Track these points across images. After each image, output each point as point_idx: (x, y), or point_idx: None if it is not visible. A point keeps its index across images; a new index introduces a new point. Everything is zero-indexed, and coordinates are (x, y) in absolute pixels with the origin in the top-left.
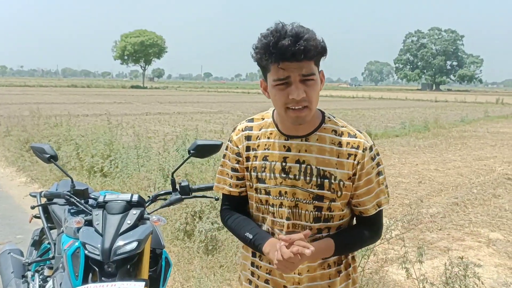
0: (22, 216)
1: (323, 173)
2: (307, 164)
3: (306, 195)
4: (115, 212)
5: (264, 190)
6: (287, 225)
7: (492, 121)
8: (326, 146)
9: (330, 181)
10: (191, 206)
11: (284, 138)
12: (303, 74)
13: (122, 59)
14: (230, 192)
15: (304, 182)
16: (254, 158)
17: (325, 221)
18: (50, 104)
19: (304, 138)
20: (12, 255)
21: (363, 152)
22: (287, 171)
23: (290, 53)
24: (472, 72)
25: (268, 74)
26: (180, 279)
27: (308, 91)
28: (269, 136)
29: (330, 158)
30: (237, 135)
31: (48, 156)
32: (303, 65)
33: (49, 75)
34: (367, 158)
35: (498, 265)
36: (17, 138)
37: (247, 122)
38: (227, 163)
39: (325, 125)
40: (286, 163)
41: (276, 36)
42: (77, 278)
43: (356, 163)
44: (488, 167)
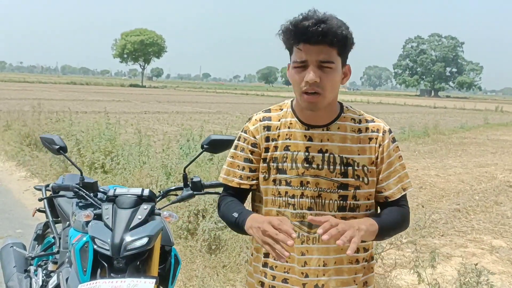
0: (22, 210)
1: (346, 161)
2: (330, 153)
3: (330, 184)
4: (125, 207)
5: (284, 181)
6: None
7: (492, 128)
8: (348, 134)
9: (353, 168)
10: (194, 204)
11: (305, 128)
12: (321, 60)
13: (122, 57)
14: (240, 184)
15: (328, 171)
16: (274, 149)
17: (351, 210)
18: (49, 100)
19: (325, 128)
20: (14, 249)
21: (383, 134)
22: (310, 160)
23: (309, 33)
24: (471, 79)
25: (291, 56)
26: (183, 278)
27: (323, 77)
28: (289, 126)
29: (352, 146)
30: (254, 125)
31: (58, 147)
32: (321, 49)
33: (48, 72)
34: (387, 141)
35: (502, 272)
36: (17, 133)
37: (264, 112)
38: (239, 155)
39: (344, 114)
40: (309, 152)
41: (301, 17)
42: (85, 273)
43: (377, 146)
44: (490, 174)
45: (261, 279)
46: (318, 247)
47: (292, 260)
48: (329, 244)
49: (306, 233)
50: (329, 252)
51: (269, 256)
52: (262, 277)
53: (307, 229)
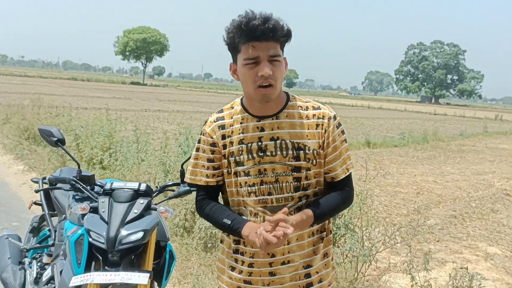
0: (18, 203)
1: (298, 146)
2: (281, 140)
3: (285, 168)
4: (121, 201)
5: (243, 172)
6: (270, 200)
7: (491, 136)
8: (296, 121)
9: (304, 152)
10: (191, 202)
11: (256, 120)
12: (270, 54)
13: (124, 55)
14: (208, 182)
15: (281, 156)
16: (230, 145)
17: (304, 189)
18: (49, 96)
19: (274, 117)
20: (10, 241)
21: (328, 121)
22: (264, 149)
23: (260, 31)
24: (472, 87)
25: (239, 55)
26: (178, 275)
27: (274, 70)
28: (242, 121)
29: (301, 131)
30: (209, 127)
31: (56, 139)
32: (270, 45)
33: (49, 67)
34: (332, 127)
35: (496, 279)
36: (16, 126)
37: (217, 113)
38: (201, 155)
39: (291, 103)
40: (261, 142)
41: (247, 17)
42: (80, 265)
43: (323, 132)
44: (487, 182)
45: (232, 263)
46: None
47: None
48: None
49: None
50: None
51: (240, 242)
52: (233, 262)
53: (269, 213)
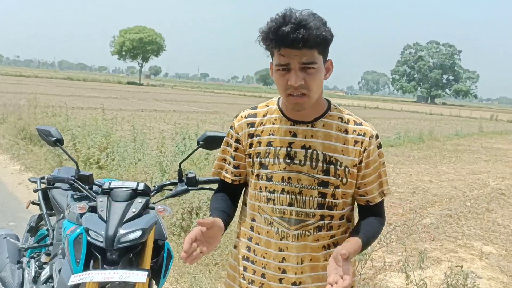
0: (15, 203)
1: (329, 159)
2: (313, 150)
3: (311, 180)
4: (120, 200)
5: (265, 176)
6: (290, 212)
7: (486, 136)
8: (332, 132)
9: (336, 167)
10: (188, 202)
11: (290, 124)
12: (303, 62)
13: (120, 54)
14: (225, 178)
15: (310, 167)
16: (257, 144)
17: (329, 208)
18: (45, 95)
19: (310, 124)
20: (8, 240)
21: (369, 139)
22: (292, 156)
23: (290, 40)
24: (467, 87)
25: (273, 58)
26: (175, 275)
27: (308, 79)
28: (274, 122)
29: (336, 144)
30: (238, 122)
31: (54, 139)
32: (303, 53)
33: (45, 67)
34: (374, 146)
35: (491, 278)
36: (12, 126)
37: (250, 109)
38: (227, 150)
39: (331, 112)
40: (291, 148)
41: (280, 22)
42: (78, 264)
43: (362, 151)
44: (482, 181)
45: (243, 272)
46: (297, 244)
47: (269, 256)
48: (307, 242)
49: (286, 229)
50: (306, 249)
51: (250, 250)
52: (243, 271)
53: (286, 225)
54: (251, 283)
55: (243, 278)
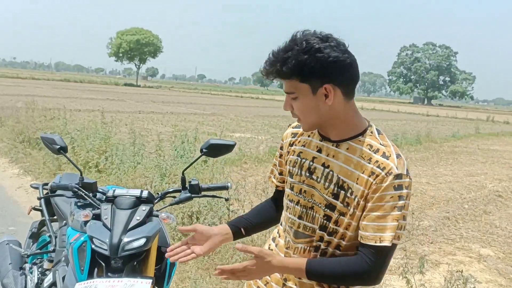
0: (14, 208)
1: (342, 184)
2: (330, 170)
3: (321, 199)
4: (124, 207)
5: (290, 185)
6: (298, 224)
7: (483, 138)
8: (354, 158)
9: (345, 194)
10: (188, 206)
11: (319, 139)
12: (285, 91)
13: (117, 56)
14: (273, 182)
15: (323, 186)
16: (292, 153)
17: (329, 234)
18: (42, 97)
19: (335, 144)
20: (10, 246)
21: (385, 175)
22: (312, 171)
23: (267, 75)
24: (464, 88)
25: None
26: (176, 279)
27: (295, 105)
28: (310, 134)
29: (353, 171)
30: (286, 131)
31: (58, 147)
32: (286, 83)
33: (42, 68)
34: (387, 184)
35: (489, 281)
36: (11, 129)
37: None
38: (276, 156)
39: (362, 137)
40: (313, 163)
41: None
42: (83, 272)
43: (374, 183)
44: (479, 183)
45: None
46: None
47: None
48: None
49: (292, 241)
50: None
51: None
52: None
53: (292, 237)
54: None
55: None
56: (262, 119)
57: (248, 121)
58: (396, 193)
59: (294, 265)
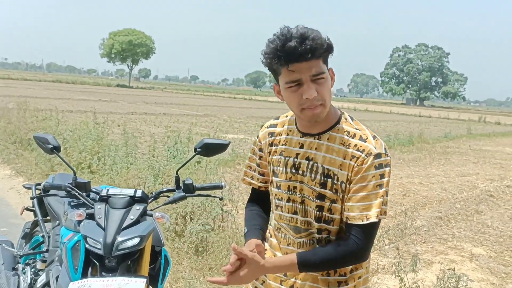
0: (6, 209)
1: (327, 172)
2: (314, 162)
3: (310, 192)
4: (118, 207)
5: (276, 184)
6: (295, 220)
7: (475, 138)
8: (335, 146)
9: (333, 181)
10: (182, 207)
11: (300, 135)
12: (313, 74)
13: (109, 57)
14: (251, 184)
15: (310, 179)
16: (274, 153)
17: (326, 222)
18: (34, 98)
19: (317, 137)
20: (3, 247)
21: (365, 156)
22: (297, 166)
23: (298, 53)
24: (456, 89)
25: (280, 77)
26: (169, 279)
27: (320, 89)
28: (289, 132)
29: (336, 158)
30: (262, 132)
31: (51, 146)
32: (312, 64)
33: (33, 69)
34: (368, 164)
35: (481, 280)
36: (2, 130)
37: (273, 120)
38: (251, 157)
39: (339, 125)
40: (297, 159)
41: (283, 39)
42: (77, 271)
43: (355, 165)
44: (471, 183)
45: None
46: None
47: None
48: None
49: (292, 236)
50: None
51: None
52: None
53: (292, 233)
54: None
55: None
56: (255, 120)
57: (241, 122)
58: (377, 172)
59: (285, 263)
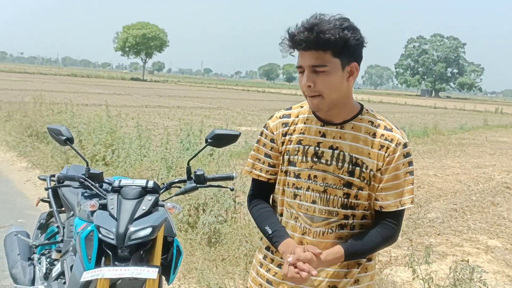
0: (22, 200)
1: (355, 161)
2: (340, 151)
3: (336, 180)
4: (130, 197)
5: (293, 173)
6: (313, 209)
7: (491, 130)
8: (361, 135)
9: (361, 169)
10: (195, 198)
11: (320, 124)
12: (313, 64)
13: (123, 50)
14: (259, 176)
15: (336, 167)
16: (288, 142)
17: (351, 208)
18: (49, 92)
19: (339, 126)
20: (19, 237)
21: (395, 146)
22: (320, 155)
23: (297, 41)
24: (472, 80)
25: None
26: (182, 270)
27: (318, 81)
28: (306, 121)
29: (363, 147)
30: (273, 122)
31: (65, 138)
32: (315, 55)
33: (49, 63)
34: (399, 153)
35: (497, 272)
36: (19, 123)
37: (285, 110)
38: (260, 149)
39: (361, 116)
40: (319, 148)
41: (299, 26)
42: (90, 261)
43: (386, 155)
44: (487, 175)
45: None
46: (316, 240)
47: None
48: (328, 239)
49: (308, 225)
50: (327, 246)
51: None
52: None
53: (309, 222)
54: (268, 271)
55: (260, 266)
56: (268, 112)
57: (255, 115)
58: (406, 160)
59: (334, 256)
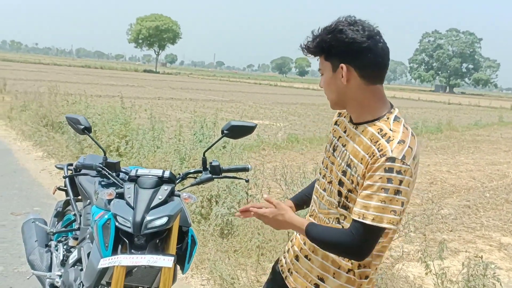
0: (38, 189)
1: (350, 162)
2: (345, 149)
3: (336, 175)
4: (147, 187)
5: (322, 159)
6: (322, 196)
7: (506, 126)
8: (364, 140)
9: (351, 172)
10: (208, 190)
11: (348, 120)
12: (318, 68)
13: (137, 42)
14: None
15: (338, 164)
16: (332, 131)
17: (343, 208)
18: (64, 83)
19: (355, 126)
20: (36, 224)
21: (379, 156)
22: (335, 148)
23: (302, 48)
24: (487, 76)
25: None
26: (195, 261)
27: (321, 83)
28: (346, 115)
29: (360, 152)
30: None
31: (83, 127)
32: (319, 60)
33: (63, 54)
34: (379, 164)
35: (510, 269)
36: (34, 113)
37: None
38: (328, 136)
39: (378, 122)
40: (338, 141)
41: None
42: (107, 248)
43: (370, 163)
44: (501, 172)
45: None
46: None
47: None
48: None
49: (316, 209)
50: None
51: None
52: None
53: (317, 207)
54: (291, 241)
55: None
56: (280, 106)
57: (267, 108)
58: (385, 175)
59: (298, 224)
